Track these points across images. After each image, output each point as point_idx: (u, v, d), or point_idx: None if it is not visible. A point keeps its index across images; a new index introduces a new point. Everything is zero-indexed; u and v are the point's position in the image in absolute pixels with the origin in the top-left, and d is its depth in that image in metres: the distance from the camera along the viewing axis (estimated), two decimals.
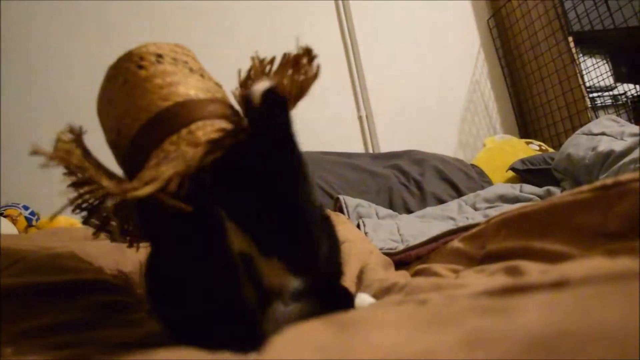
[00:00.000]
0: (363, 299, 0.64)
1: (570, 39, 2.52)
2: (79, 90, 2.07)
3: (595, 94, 2.56)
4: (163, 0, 2.30)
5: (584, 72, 2.52)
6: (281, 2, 2.51)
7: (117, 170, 0.54)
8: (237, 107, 0.58)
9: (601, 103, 2.57)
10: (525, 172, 2.08)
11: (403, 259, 1.10)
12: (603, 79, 2.52)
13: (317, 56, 0.50)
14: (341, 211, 1.74)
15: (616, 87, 2.59)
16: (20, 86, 2.05)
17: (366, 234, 1.43)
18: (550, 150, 2.42)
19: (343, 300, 0.64)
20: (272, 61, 0.56)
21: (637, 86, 2.62)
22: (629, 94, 2.58)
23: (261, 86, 0.47)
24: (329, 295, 0.59)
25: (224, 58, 1.49)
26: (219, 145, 0.42)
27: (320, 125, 2.34)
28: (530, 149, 2.40)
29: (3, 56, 2.05)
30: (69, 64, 2.13)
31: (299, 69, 0.50)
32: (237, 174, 0.49)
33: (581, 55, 2.57)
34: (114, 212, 0.40)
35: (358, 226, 1.54)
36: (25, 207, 1.78)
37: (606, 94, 2.59)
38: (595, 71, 2.53)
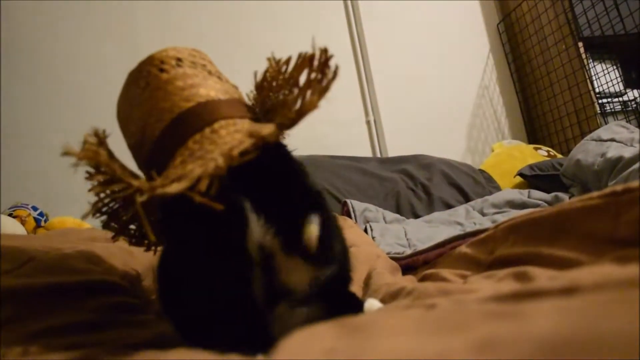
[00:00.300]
0: (372, 303, 0.63)
1: (580, 44, 2.51)
2: (93, 92, 2.10)
3: (604, 100, 2.55)
4: (174, 1, 2.32)
5: (593, 78, 2.51)
6: (289, 3, 2.52)
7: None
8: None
9: (611, 109, 2.55)
10: (533, 178, 2.07)
11: (410, 264, 1.10)
12: (613, 85, 2.50)
13: (333, 56, 0.50)
14: (348, 215, 1.74)
15: (626, 93, 2.57)
16: (26, 85, 2.06)
17: (373, 238, 1.43)
18: (559, 156, 2.42)
19: (351, 306, 0.64)
20: (287, 61, 0.56)
21: None
22: (639, 100, 2.56)
23: (314, 233, 0.49)
24: (336, 300, 0.59)
25: (233, 60, 1.49)
26: (247, 153, 0.42)
27: (328, 129, 2.34)
28: (538, 154, 2.39)
29: (24, 58, 2.07)
30: (82, 65, 2.15)
31: (314, 69, 0.50)
32: (259, 167, 0.49)
33: (591, 60, 2.56)
34: (141, 210, 0.40)
35: (365, 230, 1.54)
36: (34, 208, 1.79)
37: (616, 100, 2.57)
38: (605, 77, 2.52)
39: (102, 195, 0.51)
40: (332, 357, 0.27)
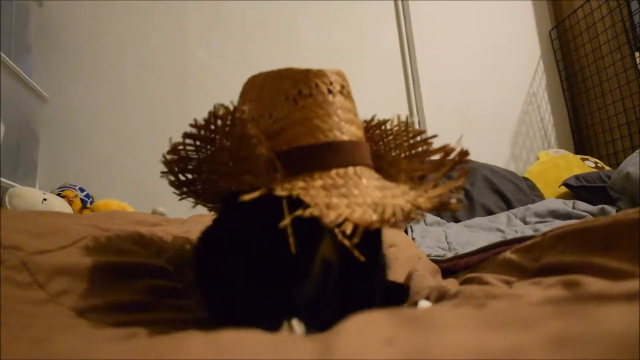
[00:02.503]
0: (423, 305, 0.64)
1: (637, 54, 2.43)
2: (139, 83, 2.17)
3: None
4: (223, 1, 2.38)
5: None
6: (339, 2, 2.52)
7: None
8: None
9: None
10: (579, 189, 2.02)
11: (451, 267, 1.10)
12: None
13: (470, 162, 0.55)
14: None
15: None
16: (75, 74, 2.15)
17: (413, 239, 1.43)
18: (607, 168, 2.35)
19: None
20: (420, 133, 0.63)
21: None
22: None
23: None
24: None
25: (280, 57, 1.51)
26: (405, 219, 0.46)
27: None
28: (585, 165, 2.33)
29: (73, 47, 2.15)
30: (129, 56, 2.24)
31: (447, 163, 0.56)
32: None
33: None
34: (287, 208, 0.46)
35: (405, 231, 1.54)
36: (82, 190, 1.86)
37: None
38: None
39: (187, 140, 0.56)
40: (392, 347, 0.27)
